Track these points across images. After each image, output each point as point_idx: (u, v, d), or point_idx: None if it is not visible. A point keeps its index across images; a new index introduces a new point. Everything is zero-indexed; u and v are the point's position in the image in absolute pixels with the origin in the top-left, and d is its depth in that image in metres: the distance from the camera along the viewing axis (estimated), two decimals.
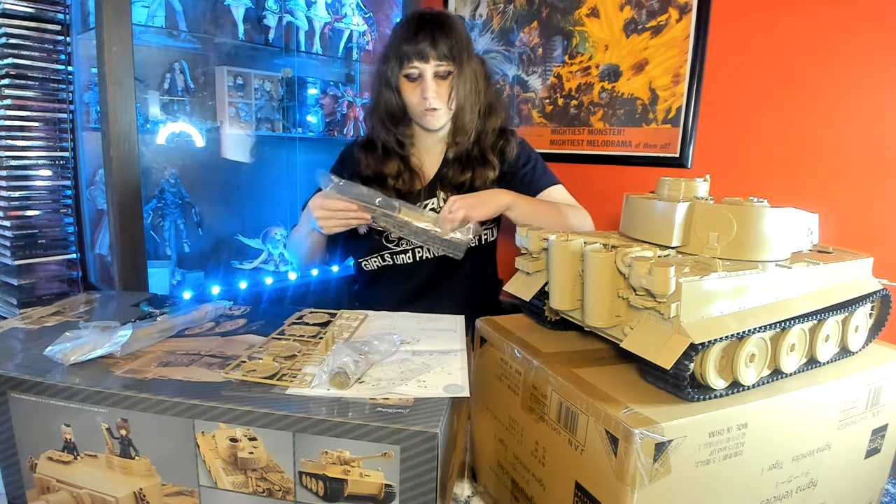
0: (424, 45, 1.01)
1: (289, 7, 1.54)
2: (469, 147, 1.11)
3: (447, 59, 1.02)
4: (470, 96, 1.06)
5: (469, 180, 1.10)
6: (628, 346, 0.52)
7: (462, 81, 1.04)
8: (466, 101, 1.06)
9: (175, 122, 1.44)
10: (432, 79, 1.03)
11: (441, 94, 1.04)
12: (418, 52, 1.01)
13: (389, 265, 1.13)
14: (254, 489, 0.51)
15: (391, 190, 1.11)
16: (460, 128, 1.09)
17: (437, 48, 1.01)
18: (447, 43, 1.02)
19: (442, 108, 1.06)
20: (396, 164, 1.12)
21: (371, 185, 1.09)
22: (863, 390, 0.60)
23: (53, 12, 1.31)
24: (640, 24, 1.33)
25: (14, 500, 0.57)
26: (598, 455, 0.50)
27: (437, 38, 1.01)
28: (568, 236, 0.60)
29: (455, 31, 1.03)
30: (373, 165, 1.12)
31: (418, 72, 1.03)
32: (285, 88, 1.64)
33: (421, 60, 1.02)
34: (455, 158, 1.12)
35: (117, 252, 1.17)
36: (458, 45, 1.03)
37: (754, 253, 0.58)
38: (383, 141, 1.12)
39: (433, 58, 1.02)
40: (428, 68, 1.02)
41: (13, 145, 1.29)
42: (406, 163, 1.13)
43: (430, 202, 1.12)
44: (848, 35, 1.05)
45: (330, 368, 0.53)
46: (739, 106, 1.20)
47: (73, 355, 0.56)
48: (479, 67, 1.09)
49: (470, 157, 1.11)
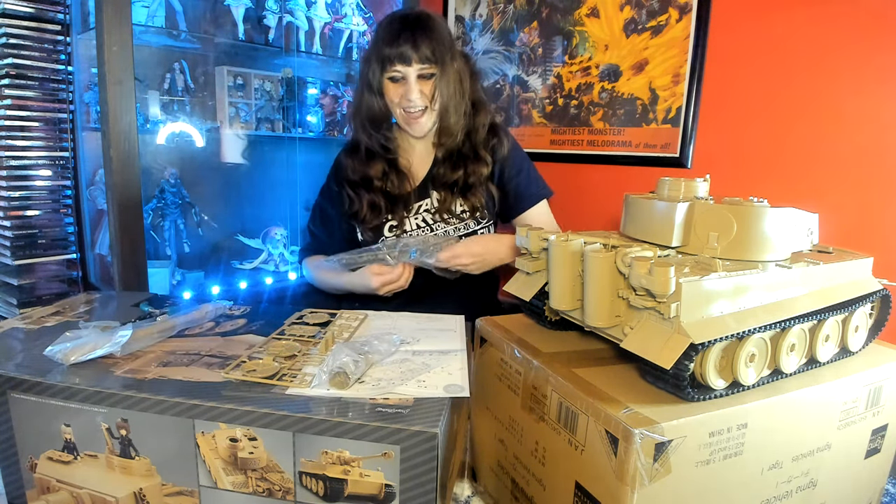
0: (406, 48, 0.99)
1: (289, 7, 1.54)
2: (460, 144, 1.10)
3: (430, 61, 1.01)
4: (454, 97, 1.05)
5: (462, 178, 1.09)
6: (628, 346, 0.52)
7: (445, 82, 1.03)
8: (451, 101, 1.05)
9: (175, 122, 1.43)
10: (416, 81, 1.02)
11: (425, 94, 1.03)
12: (400, 55, 1.00)
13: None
14: (254, 489, 0.51)
15: (378, 193, 1.10)
16: (445, 129, 1.08)
17: (420, 51, 1.00)
18: (429, 45, 1.00)
19: (426, 109, 1.05)
20: (381, 166, 1.11)
21: (358, 189, 1.11)
22: (863, 390, 0.60)
23: (53, 12, 1.31)
24: (640, 24, 1.33)
25: (14, 500, 0.57)
26: (598, 455, 0.50)
27: (419, 40, 1.00)
28: (568, 236, 0.60)
29: (437, 31, 1.02)
30: (358, 170, 1.11)
31: (401, 74, 1.02)
32: (285, 88, 1.64)
33: (403, 64, 1.01)
34: (446, 157, 1.11)
35: (117, 252, 1.17)
36: (441, 47, 1.01)
37: (754, 253, 0.58)
38: (366, 144, 1.11)
39: (416, 61, 1.00)
40: (411, 71, 1.01)
41: (13, 145, 1.29)
42: (392, 164, 1.12)
43: (423, 203, 1.11)
44: (848, 35, 1.05)
45: (330, 368, 0.53)
46: (739, 106, 1.20)
47: (73, 355, 0.56)
48: (462, 66, 1.08)
49: (461, 153, 1.11)
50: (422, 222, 1.11)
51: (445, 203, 1.10)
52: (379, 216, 1.11)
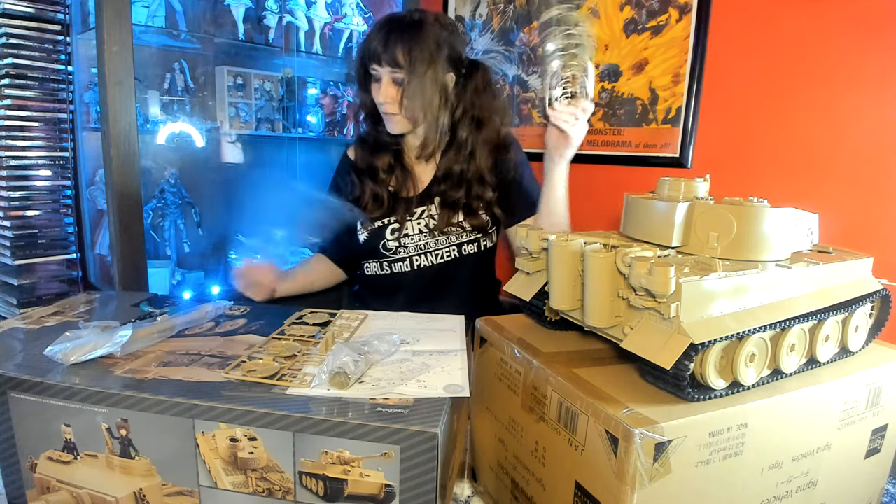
0: (377, 47, 0.97)
1: (289, 7, 1.54)
2: (465, 165, 1.07)
3: (398, 66, 0.97)
4: (429, 108, 1.00)
5: (464, 198, 1.07)
6: (628, 346, 0.52)
7: (414, 91, 0.98)
8: (426, 112, 1.00)
9: (175, 122, 1.43)
10: (388, 84, 1.00)
11: (395, 99, 1.00)
12: (373, 54, 0.98)
13: (388, 274, 1.12)
14: (254, 489, 0.51)
15: (382, 185, 1.10)
16: (424, 142, 1.05)
17: (388, 52, 0.96)
18: (403, 49, 0.96)
19: (397, 114, 1.02)
20: (388, 159, 1.10)
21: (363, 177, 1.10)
22: (863, 390, 0.60)
23: (53, 12, 1.31)
24: (640, 24, 1.33)
25: (14, 500, 0.57)
26: (598, 455, 0.50)
27: (391, 42, 0.96)
28: (568, 236, 0.60)
29: (418, 37, 0.97)
30: (366, 159, 1.11)
31: (378, 74, 1.00)
32: (285, 88, 1.64)
33: (377, 63, 0.99)
34: (447, 174, 1.08)
35: (117, 252, 1.17)
36: (416, 54, 0.96)
37: (754, 253, 0.58)
38: (374, 136, 1.11)
39: (385, 62, 0.98)
40: (384, 72, 0.99)
41: (13, 145, 1.29)
42: (398, 159, 1.11)
43: (426, 208, 1.09)
44: (848, 35, 1.05)
45: (330, 368, 0.53)
46: (739, 106, 1.20)
47: (73, 355, 0.56)
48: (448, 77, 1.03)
49: (464, 176, 1.07)
50: (424, 227, 1.09)
51: (448, 218, 1.08)
52: (380, 209, 1.09)
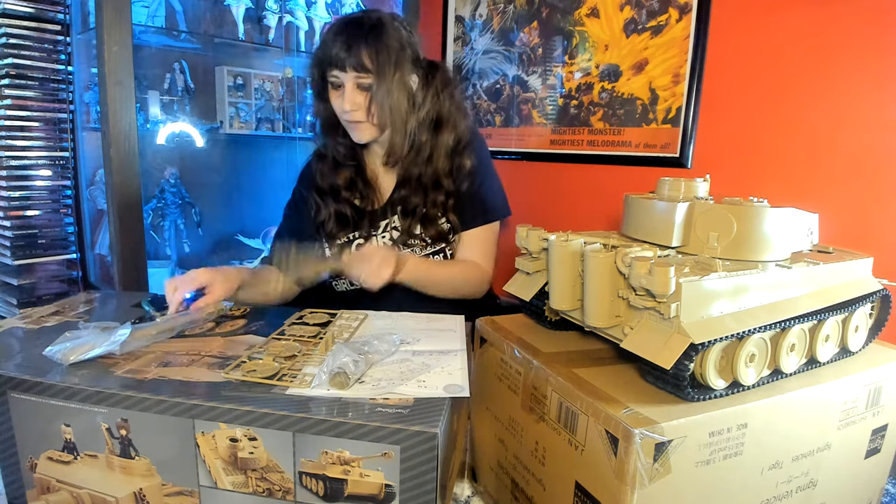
0: (340, 52, 0.90)
1: (289, 7, 1.54)
2: (423, 168, 1.00)
3: (365, 70, 0.91)
4: (398, 113, 0.95)
5: (421, 206, 1.01)
6: (628, 346, 0.52)
7: (383, 96, 0.92)
8: (395, 117, 0.95)
9: (175, 122, 1.44)
10: (353, 90, 0.92)
11: (362, 106, 0.94)
12: (335, 59, 0.91)
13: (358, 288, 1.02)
14: (254, 489, 0.51)
15: (345, 203, 1.03)
16: (391, 149, 0.98)
17: (353, 57, 0.90)
18: (368, 52, 0.90)
19: (363, 122, 0.95)
20: (348, 174, 1.04)
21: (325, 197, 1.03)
22: (863, 390, 0.60)
23: (53, 12, 1.31)
24: (640, 24, 1.33)
25: (14, 500, 0.57)
26: (598, 455, 0.50)
27: (354, 46, 0.90)
28: (568, 236, 0.60)
29: (382, 39, 0.92)
30: (327, 176, 1.04)
31: (339, 81, 0.93)
32: (285, 88, 1.64)
33: (339, 69, 0.92)
34: (406, 179, 1.02)
35: (117, 252, 1.17)
36: (382, 57, 0.91)
37: (754, 253, 0.58)
38: (332, 150, 1.03)
39: (350, 68, 0.91)
40: (348, 78, 0.92)
41: (13, 145, 1.29)
42: (359, 173, 1.05)
43: (390, 220, 1.04)
44: (848, 35, 1.05)
45: (330, 368, 0.53)
46: (739, 106, 1.20)
47: (73, 355, 0.56)
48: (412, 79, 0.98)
49: (421, 181, 1.01)
50: (388, 241, 1.04)
51: (409, 228, 1.02)
52: (346, 229, 1.04)
